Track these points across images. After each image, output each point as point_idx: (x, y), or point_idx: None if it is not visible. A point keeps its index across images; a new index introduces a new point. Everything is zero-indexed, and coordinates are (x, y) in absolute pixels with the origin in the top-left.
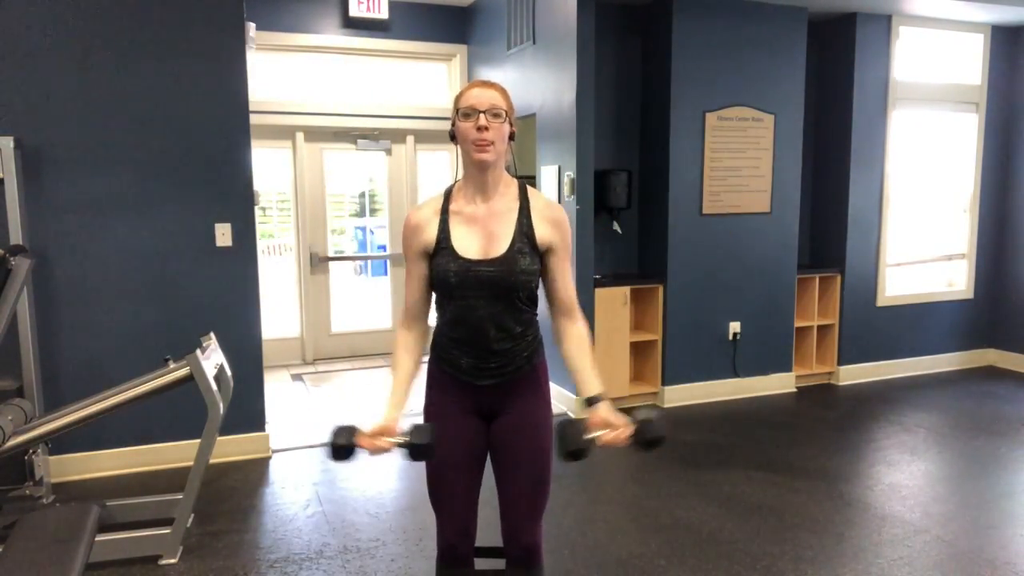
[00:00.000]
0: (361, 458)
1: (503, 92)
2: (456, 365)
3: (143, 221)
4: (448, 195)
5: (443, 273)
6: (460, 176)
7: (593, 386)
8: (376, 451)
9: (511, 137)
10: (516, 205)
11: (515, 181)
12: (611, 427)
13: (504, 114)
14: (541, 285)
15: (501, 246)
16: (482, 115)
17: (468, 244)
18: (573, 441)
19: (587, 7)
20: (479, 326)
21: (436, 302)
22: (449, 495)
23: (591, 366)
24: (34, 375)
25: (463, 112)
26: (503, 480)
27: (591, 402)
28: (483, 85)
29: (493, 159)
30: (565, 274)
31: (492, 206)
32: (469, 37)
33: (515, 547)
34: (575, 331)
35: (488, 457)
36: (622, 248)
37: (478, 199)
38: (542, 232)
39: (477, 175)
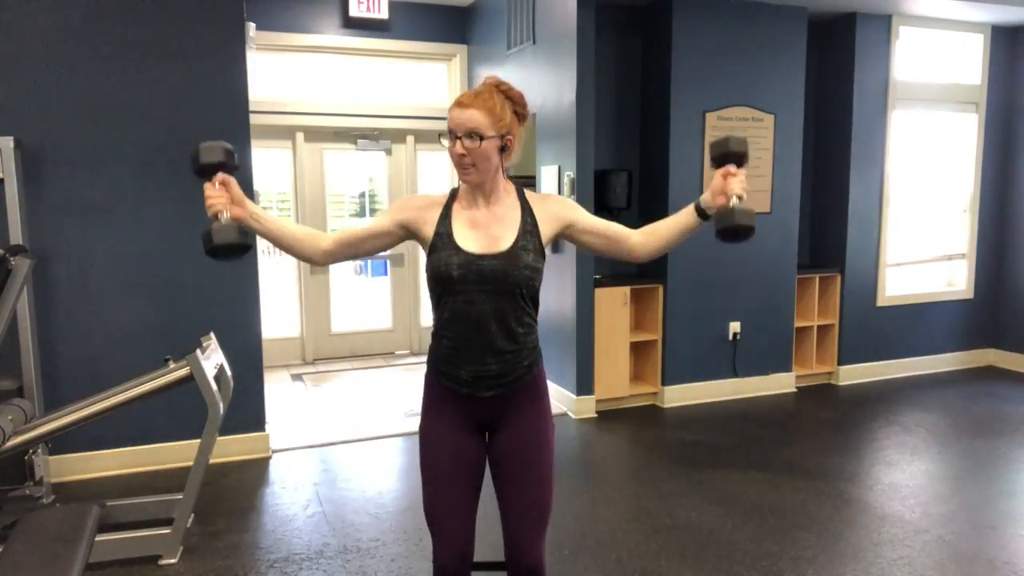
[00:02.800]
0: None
1: (486, 108)
2: (456, 377)
3: (143, 221)
4: (453, 196)
5: (445, 266)
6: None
7: (688, 208)
8: (214, 200)
9: (505, 148)
10: (518, 206)
11: (513, 185)
12: (724, 184)
13: (480, 136)
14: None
15: (505, 243)
16: (458, 141)
17: (471, 241)
18: (741, 218)
19: (587, 7)
20: (480, 322)
21: (433, 302)
22: (447, 517)
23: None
24: (34, 375)
25: (448, 131)
26: (505, 497)
27: (701, 211)
28: (465, 104)
29: (477, 180)
30: (598, 222)
31: (494, 210)
32: (469, 37)
33: (519, 566)
34: (639, 232)
35: (488, 472)
36: None
37: (480, 204)
38: (548, 225)
39: (472, 187)
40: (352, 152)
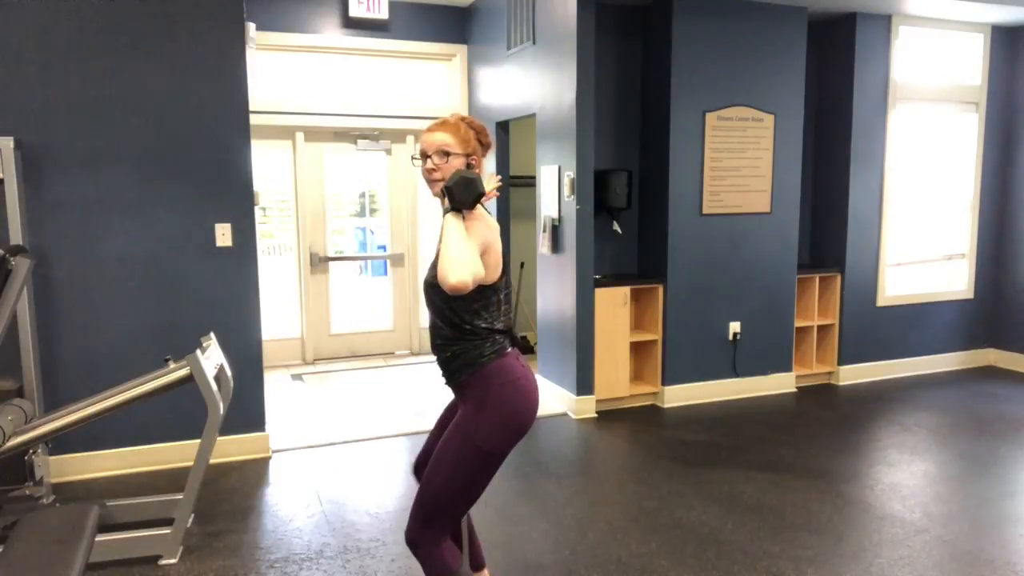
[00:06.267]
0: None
1: (453, 131)
2: None
3: (143, 221)
4: None
5: None
6: None
7: None
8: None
9: (471, 166)
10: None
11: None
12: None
13: (447, 152)
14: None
15: None
16: (428, 159)
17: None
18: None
19: (587, 7)
20: (431, 324)
21: None
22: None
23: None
24: (34, 375)
25: (420, 154)
26: None
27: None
28: (433, 129)
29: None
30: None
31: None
32: (469, 37)
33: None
34: None
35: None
36: (622, 248)
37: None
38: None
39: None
40: (352, 152)
